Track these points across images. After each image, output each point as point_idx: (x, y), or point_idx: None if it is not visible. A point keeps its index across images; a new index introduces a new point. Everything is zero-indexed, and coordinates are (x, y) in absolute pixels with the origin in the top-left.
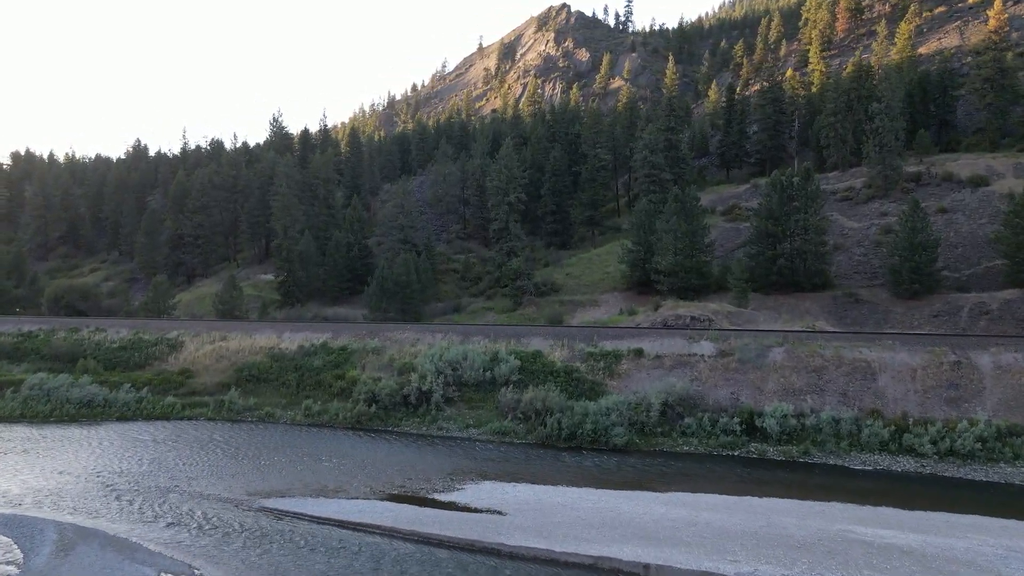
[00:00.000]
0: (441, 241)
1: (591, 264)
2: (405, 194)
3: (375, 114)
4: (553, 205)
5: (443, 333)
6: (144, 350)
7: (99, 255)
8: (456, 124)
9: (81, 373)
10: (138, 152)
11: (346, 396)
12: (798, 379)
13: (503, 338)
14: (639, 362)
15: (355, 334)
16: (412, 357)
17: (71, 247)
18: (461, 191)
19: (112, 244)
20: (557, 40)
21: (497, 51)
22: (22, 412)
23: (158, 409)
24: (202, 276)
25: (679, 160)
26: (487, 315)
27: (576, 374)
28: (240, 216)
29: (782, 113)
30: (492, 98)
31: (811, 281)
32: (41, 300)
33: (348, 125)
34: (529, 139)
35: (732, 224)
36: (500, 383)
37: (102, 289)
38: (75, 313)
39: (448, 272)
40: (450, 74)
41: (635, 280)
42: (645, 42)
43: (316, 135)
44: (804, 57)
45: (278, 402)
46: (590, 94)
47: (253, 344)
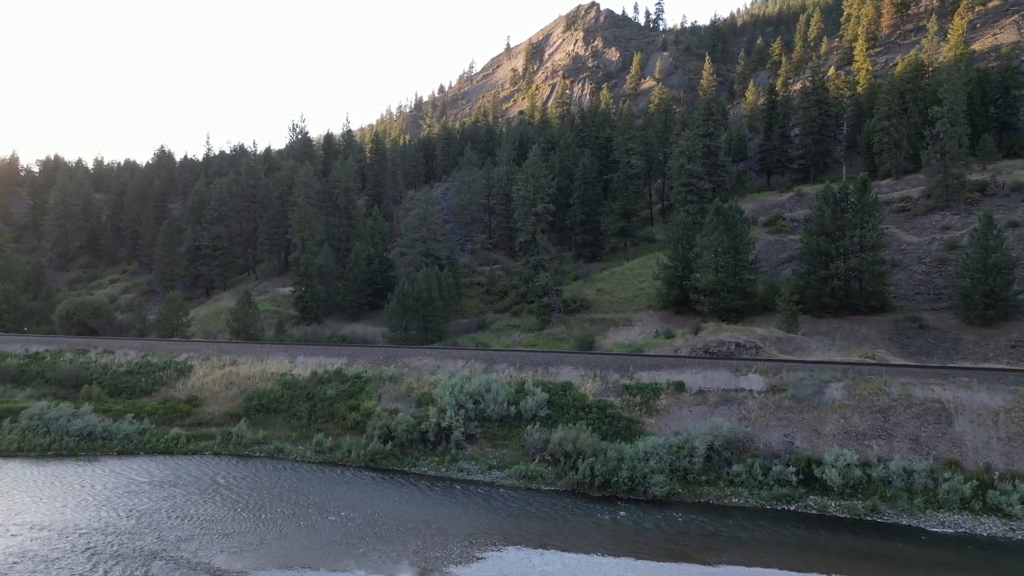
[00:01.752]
0: (465, 252)
1: (624, 279)
2: (428, 203)
3: (402, 116)
4: (582, 215)
5: (465, 360)
6: (151, 375)
7: (119, 265)
8: (482, 128)
9: (85, 400)
10: (162, 158)
11: (360, 430)
12: (861, 421)
13: (530, 367)
14: (680, 397)
15: (371, 359)
16: (431, 387)
17: (92, 257)
18: (487, 199)
19: (132, 254)
20: (586, 39)
21: (525, 51)
22: (19, 445)
23: (161, 442)
24: (220, 288)
25: (718, 167)
26: (513, 333)
27: (610, 410)
28: (259, 226)
29: (827, 115)
30: (519, 99)
31: (868, 303)
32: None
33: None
34: (558, 144)
35: (776, 236)
36: (526, 419)
37: (121, 302)
38: (86, 331)
39: (472, 286)
40: (477, 75)
41: (672, 298)
42: (677, 40)
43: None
44: (847, 55)
45: (288, 435)
46: (620, 95)
47: (264, 370)
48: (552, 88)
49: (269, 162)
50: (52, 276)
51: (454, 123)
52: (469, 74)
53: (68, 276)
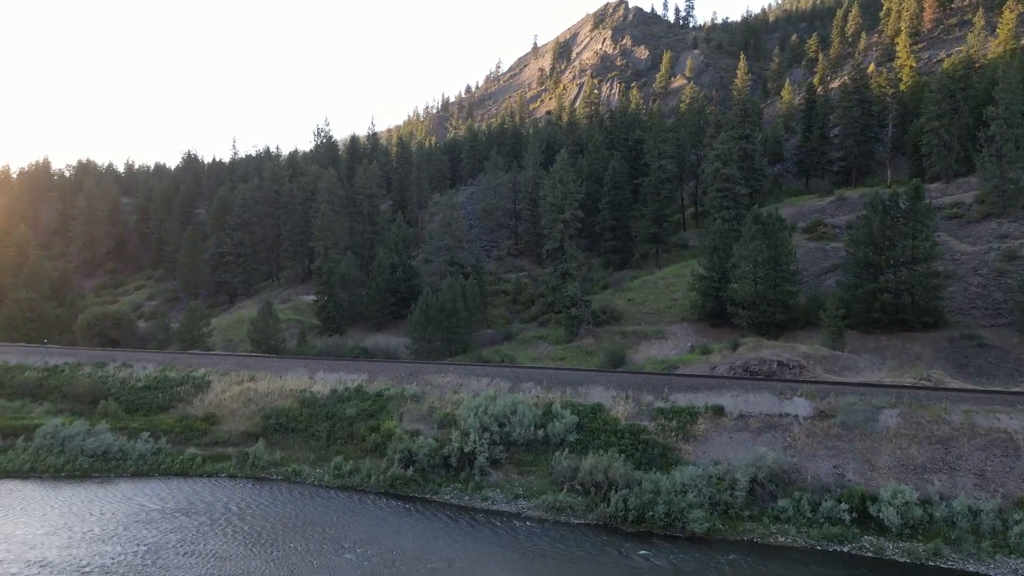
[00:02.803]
0: (491, 258)
1: (656, 289)
2: (453, 208)
3: (429, 117)
4: (612, 220)
5: (489, 378)
6: (169, 390)
7: (145, 271)
8: (508, 130)
9: (101, 417)
10: (189, 162)
11: (380, 452)
12: (919, 452)
13: (558, 386)
14: (719, 422)
15: (393, 376)
16: (454, 406)
17: (119, 263)
18: (513, 203)
19: (158, 260)
20: (614, 38)
21: (552, 51)
22: (32, 465)
23: (176, 463)
24: (244, 296)
25: (754, 171)
26: (539, 345)
27: (644, 435)
28: (283, 232)
29: (870, 115)
30: (547, 99)
31: (921, 319)
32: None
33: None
34: (586, 147)
35: (817, 244)
36: (554, 443)
37: (145, 309)
38: (107, 342)
39: (498, 294)
40: (504, 75)
41: (708, 311)
42: (708, 38)
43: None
44: (887, 51)
45: (306, 457)
46: (650, 94)
47: (283, 386)
48: (580, 88)
49: (293, 167)
50: (79, 282)
51: (480, 124)
52: (496, 74)
53: (95, 282)
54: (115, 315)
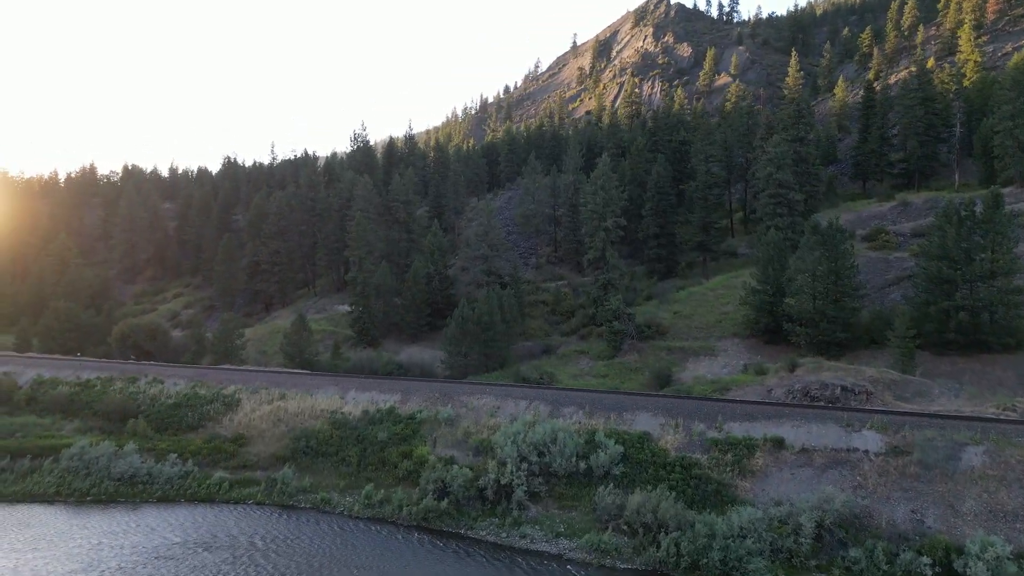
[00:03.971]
0: (529, 266)
1: (704, 301)
2: (490, 216)
3: (467, 118)
4: (656, 227)
5: (528, 401)
6: (199, 408)
7: (184, 278)
8: (547, 133)
9: (130, 436)
10: (227, 167)
11: (413, 481)
12: (1010, 497)
13: (601, 411)
14: (779, 457)
15: (426, 396)
16: (491, 432)
17: (158, 269)
18: (552, 209)
19: (195, 268)
20: (656, 35)
21: (592, 49)
22: (57, 489)
23: (203, 488)
24: (279, 305)
25: (809, 176)
26: (580, 360)
27: (696, 470)
28: (318, 240)
29: (934, 114)
30: (586, 99)
31: (1001, 340)
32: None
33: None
34: (628, 150)
35: (879, 254)
36: (598, 476)
37: (182, 317)
38: (141, 354)
39: (536, 304)
40: (543, 75)
41: (761, 326)
42: (753, 33)
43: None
44: (947, 44)
45: (336, 484)
46: (693, 92)
47: (314, 406)
48: (620, 87)
49: (330, 173)
50: (119, 289)
51: (519, 124)
52: (535, 74)
53: (135, 289)
54: (149, 327)
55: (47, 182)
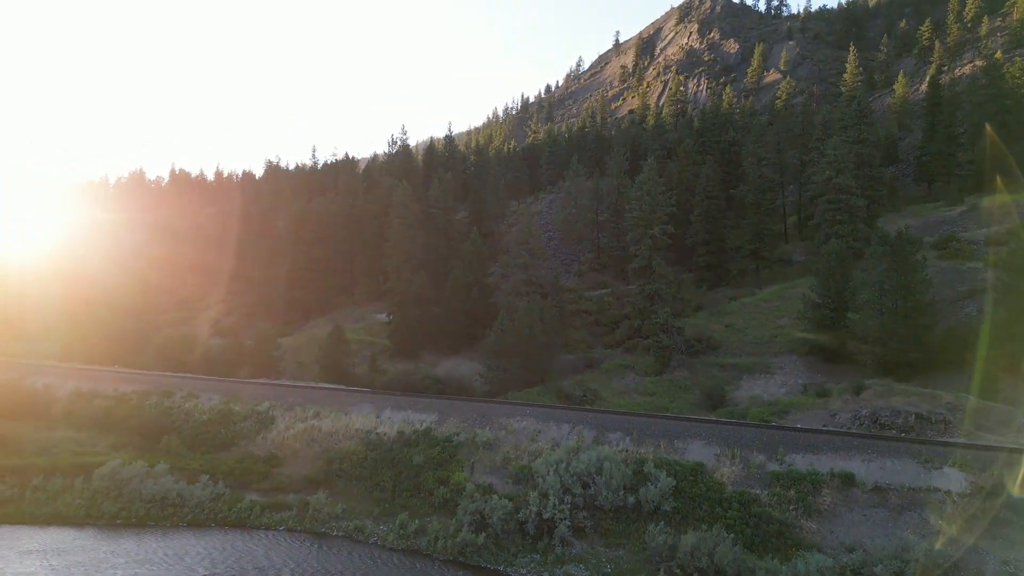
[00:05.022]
0: (571, 273)
1: (757, 313)
2: (530, 218)
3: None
4: (705, 233)
5: (571, 424)
6: (232, 425)
7: (225, 285)
8: (590, 134)
9: (163, 454)
10: (270, 171)
11: (449, 510)
12: None
13: (650, 438)
14: (849, 495)
15: (464, 417)
16: (531, 458)
17: (200, 275)
18: (595, 213)
19: (236, 274)
20: (701, 31)
21: (635, 46)
22: (88, 511)
23: (234, 512)
24: (318, 313)
25: (872, 179)
26: (626, 376)
27: (755, 507)
28: (357, 247)
29: (1007, 112)
30: (629, 97)
31: None
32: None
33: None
34: (675, 152)
35: (950, 263)
36: (647, 511)
37: (222, 325)
38: (178, 366)
39: (578, 314)
40: (585, 73)
41: (821, 343)
42: (803, 28)
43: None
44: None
45: (370, 511)
46: (741, 89)
47: (348, 426)
48: (664, 85)
49: (369, 179)
50: (162, 296)
51: (560, 124)
52: (576, 72)
53: (177, 296)
54: (186, 338)
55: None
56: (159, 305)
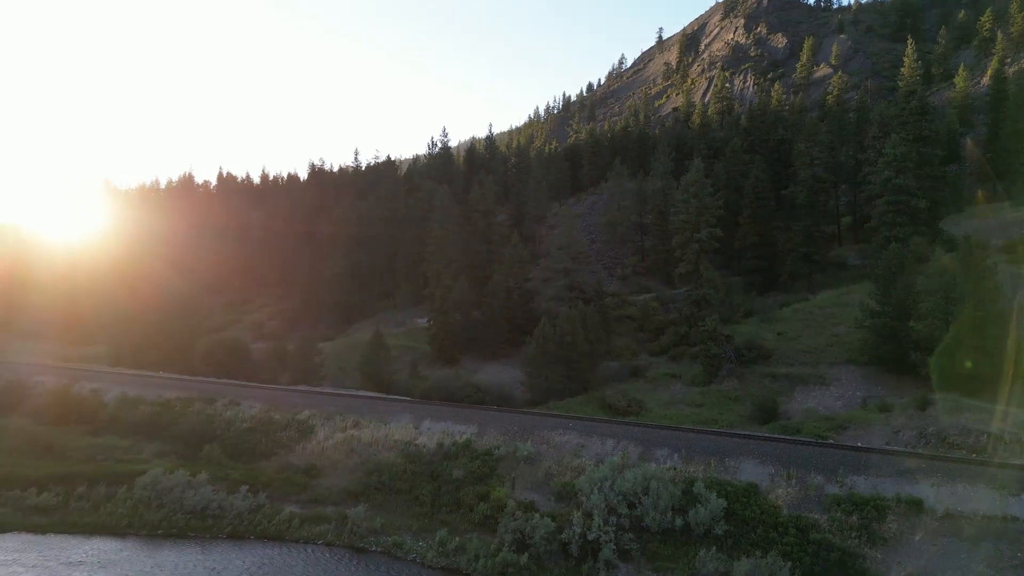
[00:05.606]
0: (614, 277)
1: (811, 320)
2: (572, 225)
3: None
4: (754, 236)
5: (615, 439)
6: (272, 434)
7: (270, 288)
8: (633, 134)
9: (204, 464)
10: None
11: (490, 527)
12: None
13: (699, 456)
14: (916, 522)
15: (504, 430)
16: (574, 474)
17: (245, 279)
18: (639, 215)
19: (280, 278)
20: (747, 26)
21: (679, 43)
22: (130, 521)
23: (273, 524)
24: (360, 317)
25: (934, 179)
26: (672, 386)
27: (814, 533)
28: (398, 250)
29: None
30: (673, 95)
31: None
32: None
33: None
34: (723, 152)
35: (1019, 269)
36: (697, 535)
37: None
38: (222, 371)
39: (622, 320)
40: (627, 71)
41: (881, 353)
42: (855, 20)
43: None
44: None
45: (409, 526)
46: (790, 85)
47: (388, 436)
48: (709, 82)
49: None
50: (209, 299)
51: (602, 123)
52: (619, 70)
53: (223, 299)
54: (230, 343)
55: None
56: (206, 309)
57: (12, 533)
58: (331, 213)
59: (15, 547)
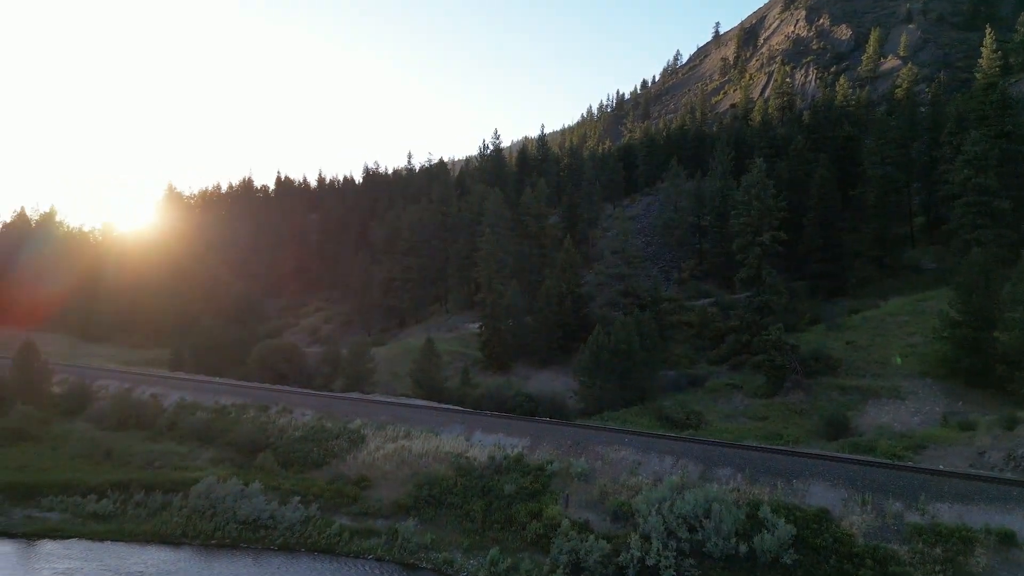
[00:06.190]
0: (671, 281)
1: (883, 329)
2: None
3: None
4: (820, 239)
5: (674, 457)
6: (324, 443)
7: (324, 292)
8: (689, 132)
9: (257, 472)
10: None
11: (542, 547)
12: None
13: (765, 476)
14: (1009, 556)
15: (557, 444)
16: (631, 493)
17: (301, 283)
18: (697, 217)
19: (335, 281)
20: (809, 18)
21: (736, 37)
22: (184, 530)
23: (323, 537)
24: (413, 322)
25: (1018, 177)
26: (733, 397)
27: (893, 566)
28: (449, 255)
29: None
30: (730, 91)
31: None
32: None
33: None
34: (784, 149)
35: None
36: (763, 563)
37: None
38: (277, 377)
39: (679, 326)
40: (683, 67)
41: (963, 366)
42: (925, 9)
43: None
44: None
45: (459, 542)
46: (855, 78)
47: (439, 447)
48: (769, 76)
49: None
50: (266, 303)
51: (657, 121)
52: (674, 67)
53: (280, 303)
54: (285, 348)
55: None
56: (263, 312)
57: (72, 540)
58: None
59: (77, 554)
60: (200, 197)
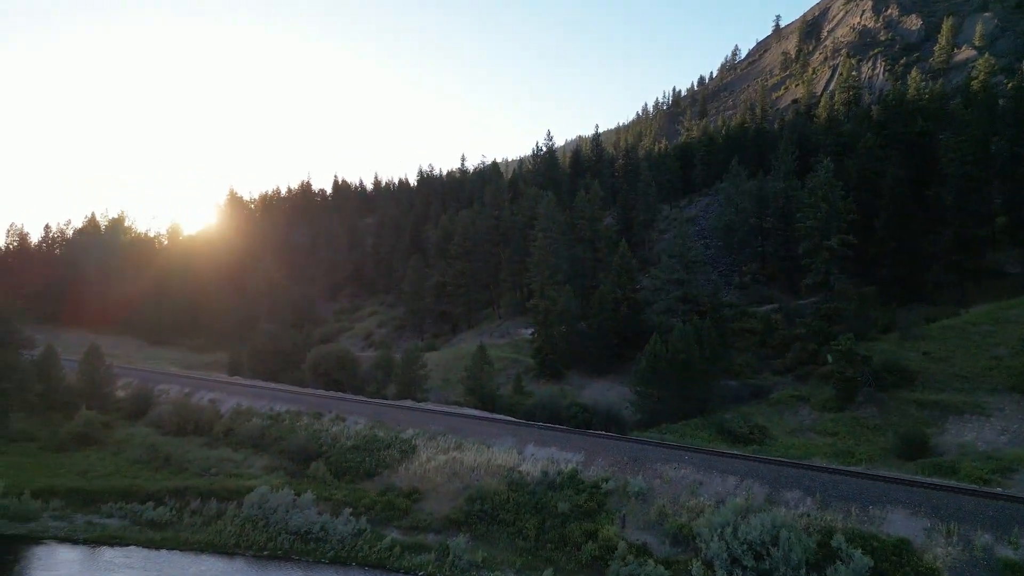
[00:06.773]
0: (731, 286)
1: (964, 338)
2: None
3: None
4: (893, 242)
5: (738, 477)
6: (376, 453)
7: (379, 296)
8: (750, 129)
9: (310, 482)
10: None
11: (598, 570)
12: None
13: (837, 502)
14: None
15: (613, 459)
16: (691, 515)
17: (357, 286)
18: (759, 219)
19: (389, 286)
20: (876, 8)
21: (798, 30)
22: (238, 540)
23: (374, 552)
24: (465, 326)
25: None
26: (800, 410)
27: None
28: (502, 260)
29: None
30: (792, 86)
31: None
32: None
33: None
34: (852, 147)
35: None
36: None
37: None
38: (331, 383)
39: (741, 333)
40: (741, 63)
41: None
42: None
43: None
44: None
45: (512, 561)
46: (926, 70)
47: (490, 460)
48: (833, 70)
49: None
50: (322, 306)
51: (715, 119)
52: (732, 62)
53: (336, 306)
54: (338, 354)
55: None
56: (319, 316)
57: (132, 547)
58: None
59: (137, 563)
60: (260, 201)
